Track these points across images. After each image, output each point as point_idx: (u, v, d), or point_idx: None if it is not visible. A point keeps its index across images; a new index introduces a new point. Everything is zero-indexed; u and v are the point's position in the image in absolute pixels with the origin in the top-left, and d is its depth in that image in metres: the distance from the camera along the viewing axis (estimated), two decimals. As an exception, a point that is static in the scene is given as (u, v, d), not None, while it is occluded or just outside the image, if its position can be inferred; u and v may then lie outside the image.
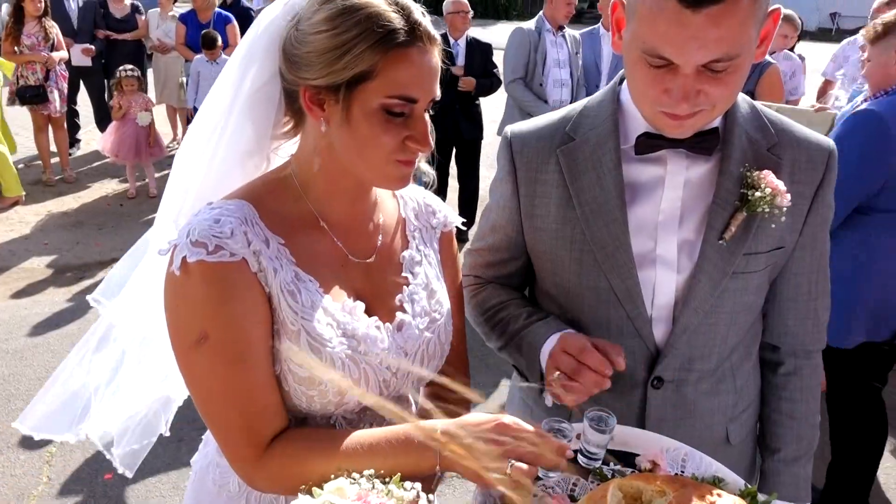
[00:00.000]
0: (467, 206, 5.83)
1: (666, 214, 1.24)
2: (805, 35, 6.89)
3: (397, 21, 1.00)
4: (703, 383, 1.31)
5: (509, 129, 1.37)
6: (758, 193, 1.19)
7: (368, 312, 1.15)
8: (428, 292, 1.23)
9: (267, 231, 1.08)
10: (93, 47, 7.31)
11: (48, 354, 3.99)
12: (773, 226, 1.22)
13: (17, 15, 6.35)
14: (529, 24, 5.14)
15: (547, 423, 1.06)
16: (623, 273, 1.25)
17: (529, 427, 0.99)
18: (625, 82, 1.29)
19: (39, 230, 5.86)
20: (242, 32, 6.94)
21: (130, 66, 6.42)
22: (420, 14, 1.04)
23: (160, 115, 7.46)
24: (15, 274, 5.05)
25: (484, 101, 5.67)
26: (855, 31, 5.64)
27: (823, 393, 2.51)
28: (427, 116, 1.08)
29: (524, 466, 0.95)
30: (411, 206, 1.30)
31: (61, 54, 6.60)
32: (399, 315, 1.18)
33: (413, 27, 1.01)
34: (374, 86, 1.00)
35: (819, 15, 22.67)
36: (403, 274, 1.22)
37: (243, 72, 1.11)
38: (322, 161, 1.11)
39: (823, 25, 22.76)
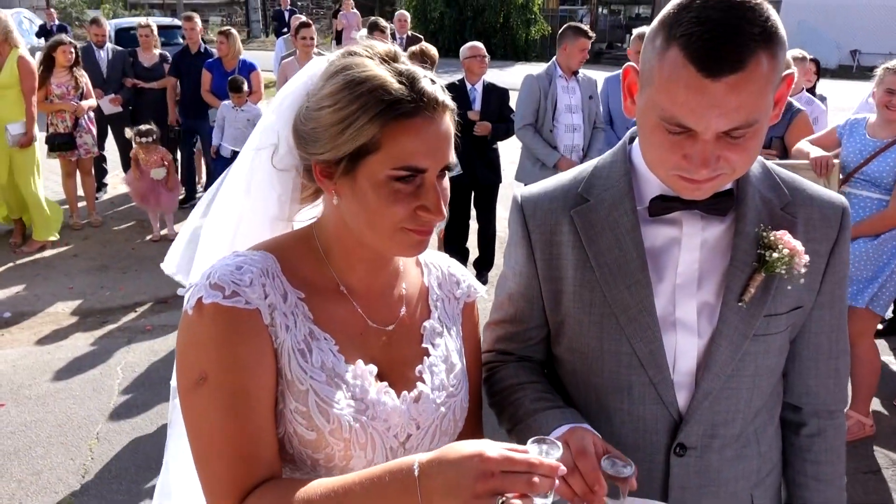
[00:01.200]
0: (486, 248, 5.85)
1: (684, 277, 1.23)
2: (825, 73, 6.88)
3: (400, 91, 1.00)
4: (728, 450, 1.27)
5: (519, 193, 1.36)
6: (775, 254, 1.17)
7: (382, 379, 1.13)
8: (447, 366, 1.21)
9: (287, 285, 1.08)
10: (120, 97, 7.50)
11: (70, 400, 4.01)
12: (791, 286, 1.21)
13: (48, 64, 6.54)
14: (540, 70, 5.19)
15: (533, 443, 0.97)
16: (647, 337, 1.22)
17: (516, 455, 0.88)
18: (635, 142, 1.29)
19: (65, 274, 5.96)
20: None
21: (145, 129, 6.51)
22: (427, 82, 1.03)
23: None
24: (39, 319, 5.12)
25: (502, 144, 5.71)
26: (874, 69, 5.63)
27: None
28: (445, 182, 1.07)
29: (516, 502, 0.87)
30: (435, 274, 1.29)
31: (90, 102, 6.77)
32: (419, 385, 1.16)
33: (419, 96, 1.00)
34: (380, 158, 1.01)
35: (839, 53, 22.63)
36: (423, 344, 1.20)
37: (267, 138, 1.15)
38: (338, 231, 1.12)
39: (844, 63, 22.72)
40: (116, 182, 8.38)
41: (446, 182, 1.07)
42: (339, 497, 0.95)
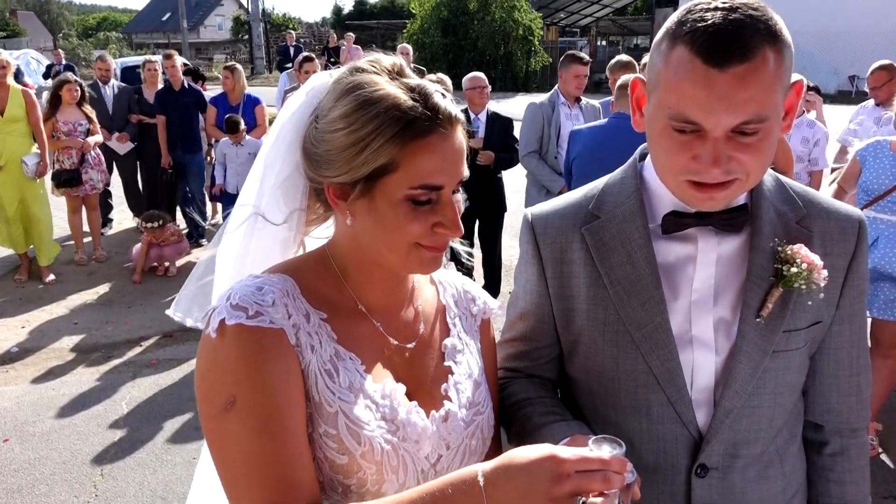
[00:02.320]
0: (491, 276, 5.83)
1: (699, 293, 1.21)
2: (824, 99, 6.93)
3: (415, 110, 0.98)
4: (751, 470, 1.23)
5: (529, 211, 1.35)
6: (793, 269, 1.15)
7: (410, 399, 1.10)
8: (473, 383, 1.19)
9: (308, 305, 1.06)
10: (127, 134, 7.56)
11: (74, 437, 3.96)
12: (810, 301, 1.18)
13: (54, 101, 6.63)
14: (543, 98, 5.23)
15: (596, 441, 0.94)
16: (663, 354, 1.19)
17: (588, 452, 0.88)
18: (646, 159, 1.28)
19: (70, 310, 5.94)
20: (184, 116, 7.20)
21: (151, 215, 6.56)
22: (440, 97, 1.01)
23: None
24: (44, 354, 5.09)
25: (507, 172, 5.72)
26: (874, 94, 5.71)
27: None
28: (458, 196, 1.05)
29: (598, 501, 0.84)
30: (450, 292, 1.27)
31: (96, 138, 6.83)
32: (446, 404, 1.13)
33: (434, 113, 0.99)
34: (397, 178, 0.99)
35: (837, 78, 22.81)
36: (446, 363, 1.18)
37: (271, 161, 1.13)
38: (352, 251, 1.10)
39: (843, 88, 22.86)
40: (122, 218, 8.41)
41: (458, 196, 1.06)
42: None
